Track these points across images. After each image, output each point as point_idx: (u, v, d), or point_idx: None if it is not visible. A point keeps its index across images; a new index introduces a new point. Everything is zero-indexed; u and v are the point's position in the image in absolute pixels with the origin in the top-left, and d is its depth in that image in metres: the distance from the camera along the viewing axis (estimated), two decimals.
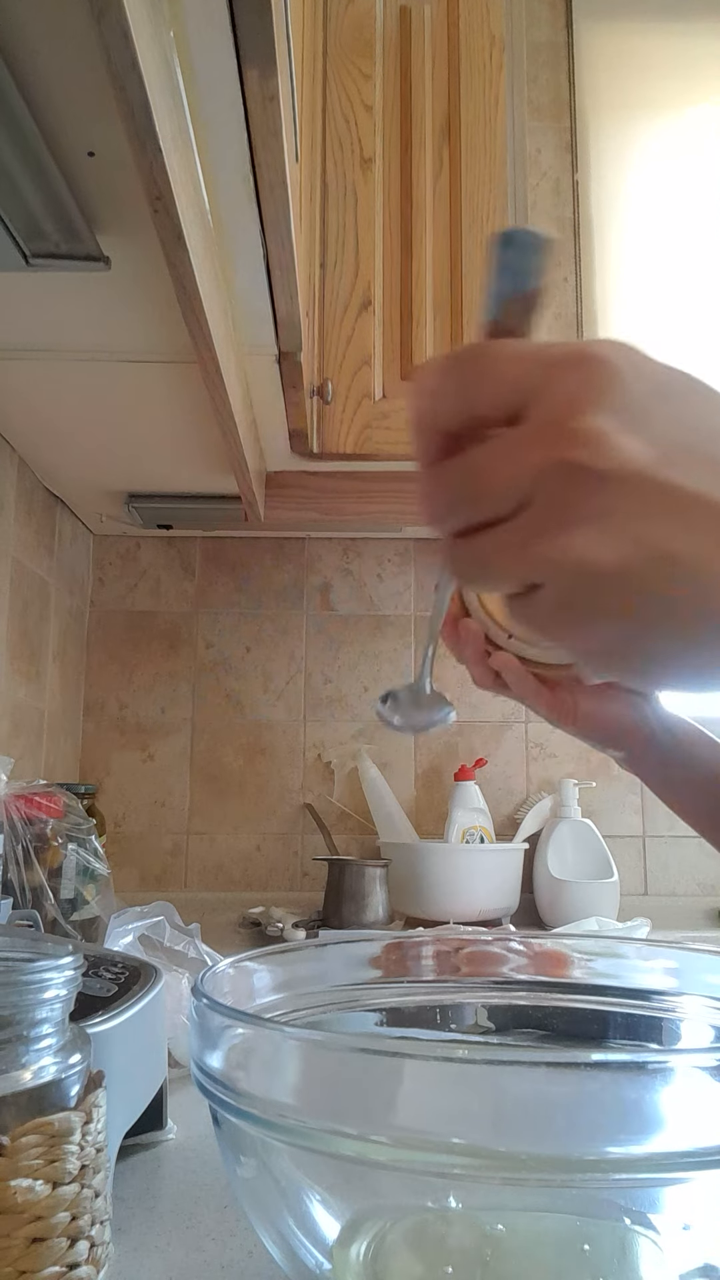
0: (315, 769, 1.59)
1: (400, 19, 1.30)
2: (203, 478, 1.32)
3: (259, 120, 0.64)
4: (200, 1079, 0.34)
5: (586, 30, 1.81)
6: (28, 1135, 0.32)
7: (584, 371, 0.29)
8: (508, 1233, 0.33)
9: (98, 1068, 0.38)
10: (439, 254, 1.26)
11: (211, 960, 0.76)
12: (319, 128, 1.24)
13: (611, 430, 0.28)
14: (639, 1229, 0.33)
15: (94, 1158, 0.35)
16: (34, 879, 0.88)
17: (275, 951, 0.46)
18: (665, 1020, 0.46)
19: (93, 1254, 0.34)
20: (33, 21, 0.54)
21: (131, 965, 0.56)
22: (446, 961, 0.50)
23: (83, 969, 0.37)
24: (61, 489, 1.40)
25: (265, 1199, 0.34)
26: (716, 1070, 0.27)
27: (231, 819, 1.57)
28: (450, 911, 1.30)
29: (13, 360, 0.96)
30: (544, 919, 1.42)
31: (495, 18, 1.31)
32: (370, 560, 1.65)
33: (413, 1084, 0.30)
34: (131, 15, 0.46)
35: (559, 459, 0.28)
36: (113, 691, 1.60)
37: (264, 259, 0.79)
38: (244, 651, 1.62)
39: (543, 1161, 0.27)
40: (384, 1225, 0.34)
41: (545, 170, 1.78)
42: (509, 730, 1.60)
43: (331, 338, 1.22)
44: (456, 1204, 0.33)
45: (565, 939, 0.52)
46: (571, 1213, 0.34)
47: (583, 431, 0.28)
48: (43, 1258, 0.32)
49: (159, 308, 0.85)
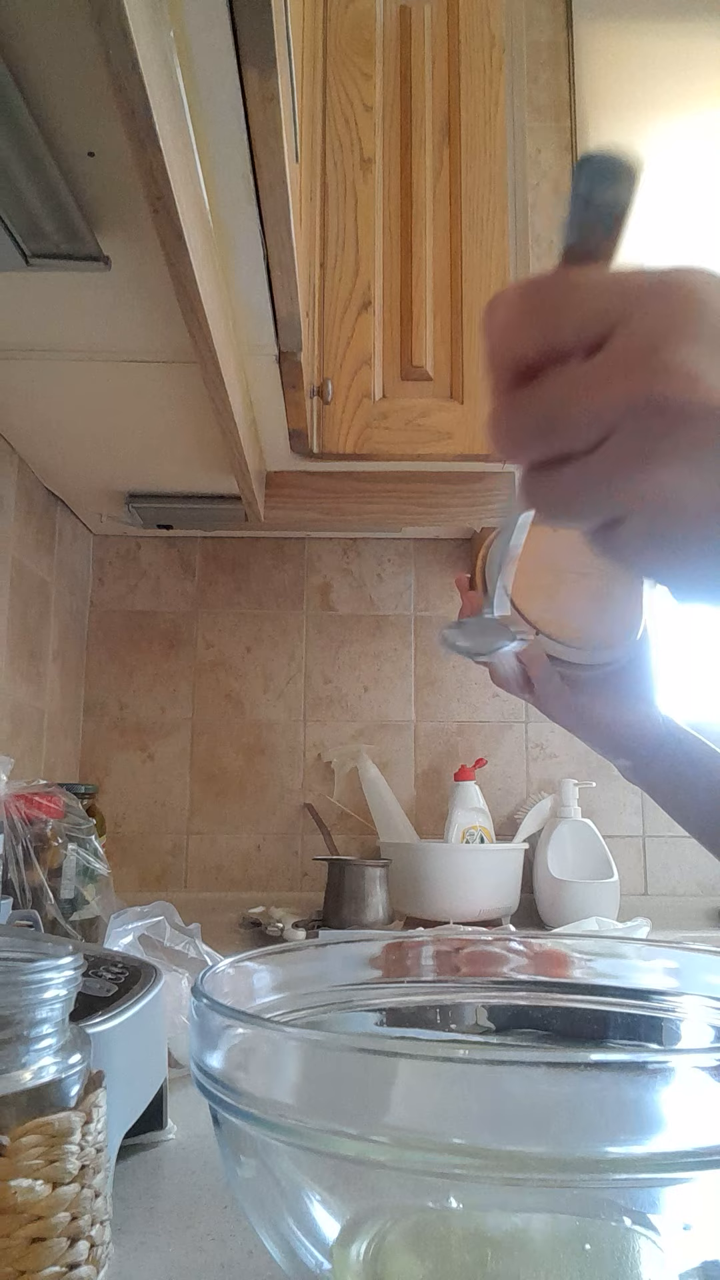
0: (315, 769, 1.59)
1: (400, 19, 1.30)
2: (203, 478, 1.32)
3: (259, 120, 0.64)
4: (200, 1079, 0.34)
5: (586, 30, 1.81)
6: (28, 1135, 0.32)
7: (670, 301, 0.28)
8: (508, 1233, 0.33)
9: (98, 1068, 0.38)
10: (439, 254, 1.26)
11: (211, 960, 0.76)
12: (319, 128, 1.24)
13: (699, 363, 0.28)
14: (639, 1229, 0.33)
15: (94, 1158, 0.35)
16: (34, 879, 0.88)
17: (275, 951, 0.46)
18: (665, 1020, 0.46)
19: (93, 1254, 0.34)
20: (33, 21, 0.54)
21: (131, 965, 0.56)
22: (446, 961, 0.50)
23: (83, 969, 0.37)
24: (61, 489, 1.39)
25: (265, 1199, 0.34)
26: (716, 1070, 0.27)
27: (231, 819, 1.57)
28: (450, 911, 1.30)
29: (13, 360, 0.96)
30: (544, 919, 1.42)
31: (495, 18, 1.31)
32: (370, 560, 1.65)
33: (413, 1084, 0.30)
34: (131, 15, 0.46)
35: (646, 392, 0.28)
36: (113, 691, 1.60)
37: (264, 259, 0.79)
38: (244, 651, 1.62)
39: (543, 1161, 0.27)
40: (384, 1225, 0.34)
41: (545, 170, 1.78)
42: (509, 730, 1.60)
43: (331, 338, 1.22)
44: (456, 1204, 0.33)
45: (565, 939, 0.51)
46: (571, 1213, 0.34)
47: (671, 364, 0.27)
48: (43, 1258, 0.32)
49: (159, 308, 0.85)
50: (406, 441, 1.21)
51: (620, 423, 0.28)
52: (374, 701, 1.61)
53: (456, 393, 1.23)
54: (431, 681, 1.62)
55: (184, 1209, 0.46)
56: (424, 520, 1.33)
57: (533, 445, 0.30)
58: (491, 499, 1.32)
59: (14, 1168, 0.32)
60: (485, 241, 1.25)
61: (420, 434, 1.21)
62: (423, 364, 1.23)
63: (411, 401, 1.22)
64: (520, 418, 0.30)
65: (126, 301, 0.84)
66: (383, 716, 1.60)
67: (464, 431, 1.22)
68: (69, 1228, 0.33)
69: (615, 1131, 0.27)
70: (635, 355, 0.28)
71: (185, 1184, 0.49)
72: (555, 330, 0.30)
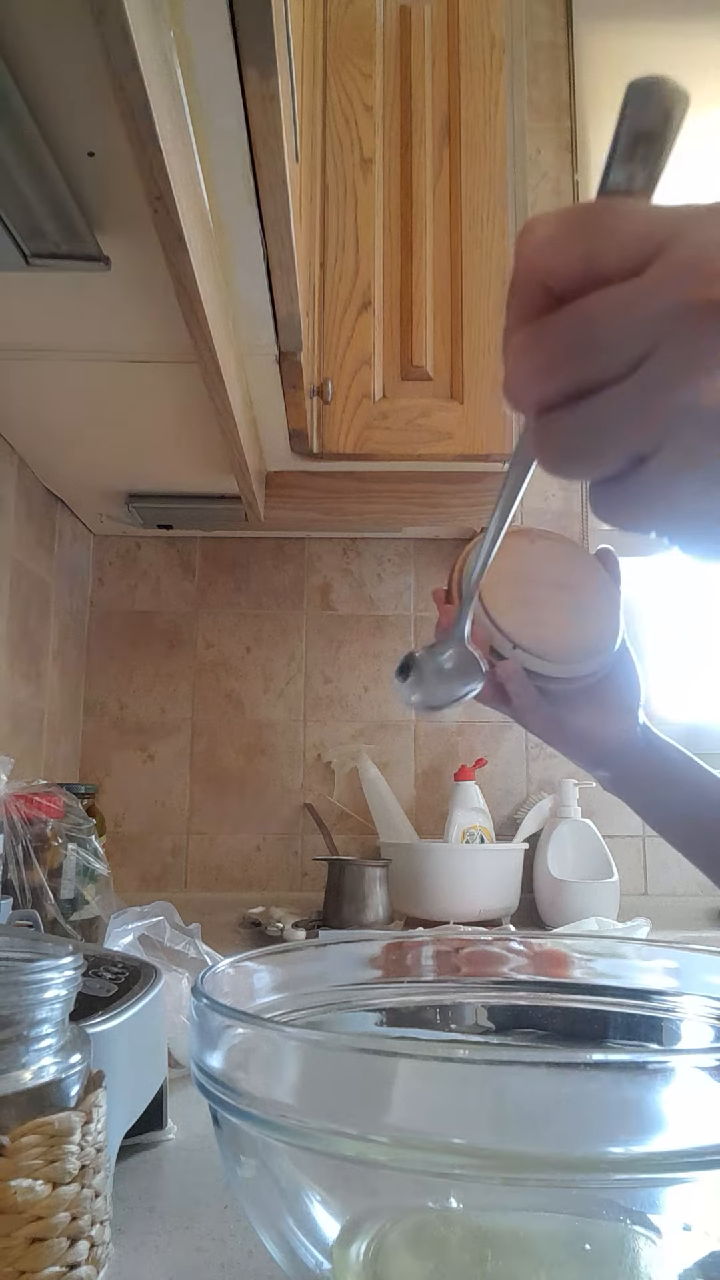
0: (315, 769, 1.59)
1: (400, 19, 1.30)
2: (203, 478, 1.32)
3: (259, 120, 0.64)
4: (200, 1079, 0.34)
5: (586, 30, 1.81)
6: (28, 1135, 0.32)
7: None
8: (508, 1233, 0.33)
9: (98, 1068, 0.38)
10: (439, 254, 1.26)
11: (211, 960, 0.76)
12: (319, 128, 1.24)
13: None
14: (639, 1229, 0.33)
15: (94, 1158, 0.35)
16: (34, 879, 0.88)
17: (275, 951, 0.46)
18: (665, 1020, 0.46)
19: (93, 1254, 0.34)
20: (33, 21, 0.54)
21: (131, 965, 0.56)
22: (446, 961, 0.50)
23: (83, 969, 0.37)
24: (61, 489, 1.39)
25: (265, 1199, 0.34)
26: (716, 1070, 0.27)
27: (231, 819, 1.57)
28: (450, 911, 1.30)
29: (13, 360, 0.96)
30: (544, 919, 1.42)
31: (495, 18, 1.31)
32: (370, 560, 1.65)
33: (413, 1084, 0.30)
34: (131, 15, 0.46)
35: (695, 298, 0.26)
36: (113, 691, 1.60)
37: (264, 259, 0.79)
38: (244, 651, 1.62)
39: (543, 1161, 0.27)
40: (384, 1225, 0.34)
41: (545, 170, 1.78)
42: (509, 730, 1.60)
43: (331, 338, 1.22)
44: (456, 1204, 0.33)
45: (565, 939, 0.51)
46: (571, 1213, 0.34)
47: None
48: (43, 1258, 0.32)
49: (159, 308, 0.85)
50: (406, 441, 1.21)
51: (665, 336, 0.26)
52: (374, 701, 1.61)
53: (456, 393, 1.23)
54: None
55: (184, 1209, 0.46)
56: (424, 520, 1.33)
57: (559, 374, 0.28)
58: (491, 499, 1.32)
59: (14, 1168, 0.32)
60: (485, 241, 1.25)
61: (420, 434, 1.21)
62: (423, 364, 1.23)
63: (411, 401, 1.22)
64: (548, 342, 0.28)
65: (126, 301, 0.84)
66: (383, 716, 1.60)
67: (464, 431, 1.22)
68: (69, 1228, 0.33)
69: (615, 1131, 0.27)
70: (686, 265, 0.26)
71: (185, 1184, 0.49)
72: (597, 253, 0.28)
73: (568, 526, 1.67)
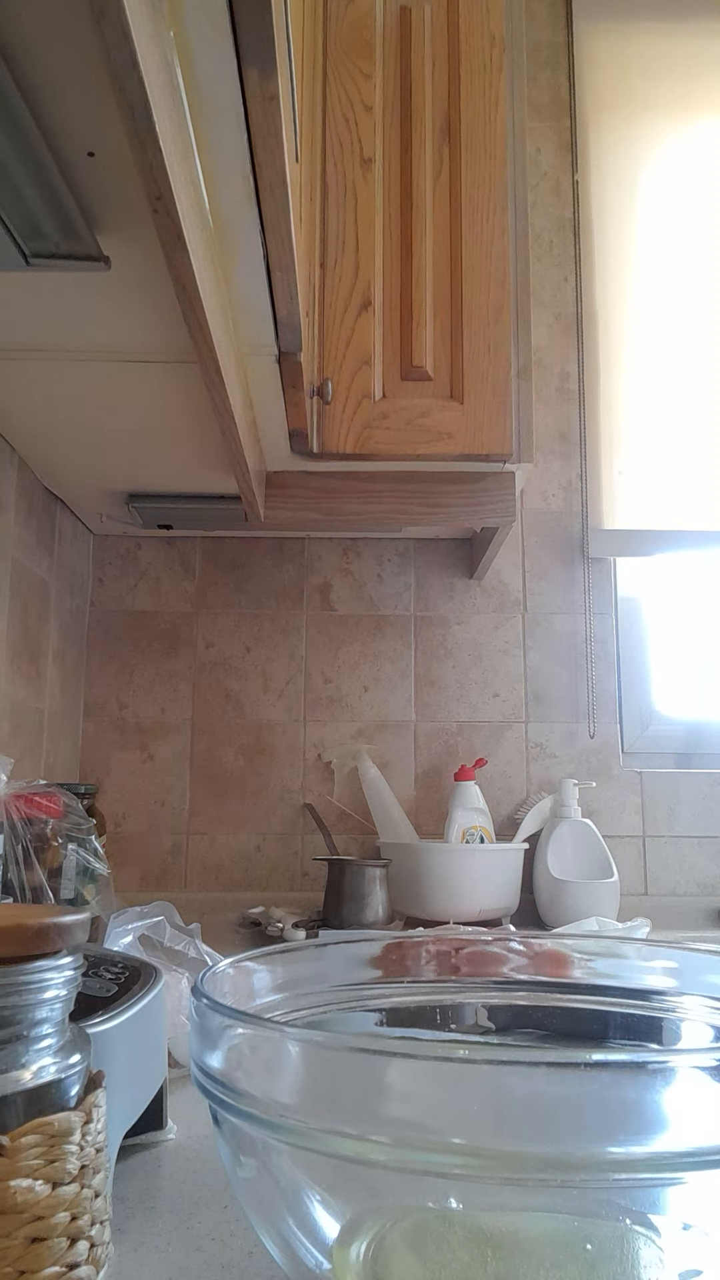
0: (315, 769, 1.59)
1: (400, 19, 1.30)
2: (203, 478, 1.32)
3: (259, 120, 0.64)
4: (200, 1079, 0.34)
5: (586, 30, 1.81)
6: (28, 1135, 0.32)
7: None
8: (508, 1233, 0.33)
9: (98, 1068, 0.38)
10: (439, 254, 1.26)
11: (211, 960, 0.76)
12: (319, 128, 1.24)
13: None
14: (639, 1229, 0.33)
15: (94, 1158, 0.35)
16: (34, 879, 0.88)
17: (275, 951, 0.46)
18: (665, 1020, 0.46)
19: (93, 1254, 0.34)
20: (33, 21, 0.54)
21: (131, 965, 0.56)
22: (446, 961, 0.50)
23: (83, 969, 0.37)
24: (61, 489, 1.40)
25: (265, 1199, 0.34)
26: (716, 1070, 0.27)
27: (231, 819, 1.57)
28: (450, 911, 1.30)
29: (13, 360, 0.96)
30: (544, 919, 1.42)
31: (495, 18, 1.31)
32: (370, 560, 1.65)
33: (413, 1084, 0.30)
34: (131, 15, 0.46)
35: None
36: (113, 691, 1.60)
37: (264, 259, 0.79)
38: (244, 651, 1.62)
39: (543, 1161, 0.27)
40: (384, 1225, 0.34)
41: (545, 170, 1.78)
42: (509, 730, 1.60)
43: (331, 338, 1.22)
44: (456, 1204, 0.33)
45: (565, 939, 0.51)
46: (572, 1213, 0.34)
47: None
48: (43, 1258, 0.32)
49: (159, 308, 0.85)
50: (406, 441, 1.21)
51: None
52: (374, 701, 1.61)
53: (456, 393, 1.23)
54: (431, 681, 1.62)
55: (184, 1209, 0.46)
56: (424, 520, 1.33)
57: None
58: (491, 499, 1.32)
59: (14, 1168, 0.32)
60: (485, 241, 1.25)
61: (420, 434, 1.21)
62: (423, 364, 1.23)
63: (411, 401, 1.22)
64: None
65: (126, 301, 0.84)
66: (383, 716, 1.61)
67: (464, 431, 1.22)
68: (69, 1228, 0.33)
69: (615, 1131, 0.27)
70: None
71: (185, 1184, 0.49)
72: None
73: (568, 526, 1.67)
